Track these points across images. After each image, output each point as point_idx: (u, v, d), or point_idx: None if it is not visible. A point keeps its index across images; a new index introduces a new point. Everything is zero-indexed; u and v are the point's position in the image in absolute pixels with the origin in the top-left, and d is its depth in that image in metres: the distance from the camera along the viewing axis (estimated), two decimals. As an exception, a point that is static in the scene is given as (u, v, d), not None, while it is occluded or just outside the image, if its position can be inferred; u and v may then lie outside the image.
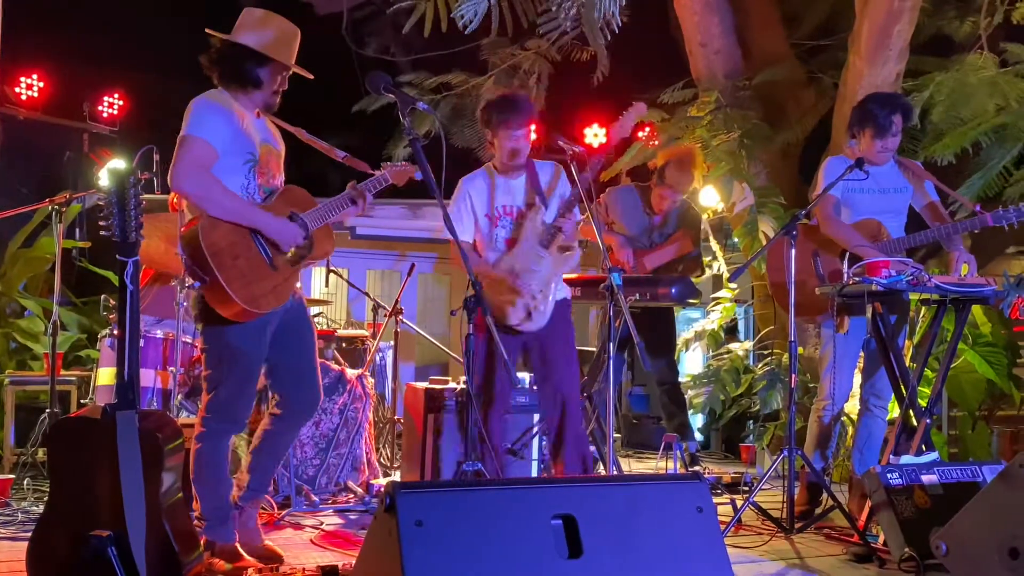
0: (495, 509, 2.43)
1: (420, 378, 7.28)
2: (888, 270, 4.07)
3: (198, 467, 3.48)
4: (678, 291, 5.35)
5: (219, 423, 3.49)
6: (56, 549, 2.83)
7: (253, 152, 3.45)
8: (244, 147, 3.42)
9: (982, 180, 5.92)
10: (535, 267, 4.25)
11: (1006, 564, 2.93)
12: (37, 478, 5.01)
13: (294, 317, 3.62)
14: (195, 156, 3.27)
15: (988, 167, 5.89)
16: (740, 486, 5.29)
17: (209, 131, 3.31)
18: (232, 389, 3.46)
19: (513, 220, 4.32)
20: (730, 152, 6.46)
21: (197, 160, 3.27)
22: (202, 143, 3.29)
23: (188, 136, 3.29)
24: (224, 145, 3.35)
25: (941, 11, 6.63)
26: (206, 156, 3.29)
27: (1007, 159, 5.88)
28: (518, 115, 4.21)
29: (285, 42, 3.52)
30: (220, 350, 3.44)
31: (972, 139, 5.74)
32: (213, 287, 3.27)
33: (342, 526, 4.37)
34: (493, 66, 7.78)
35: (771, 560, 3.79)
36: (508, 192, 4.32)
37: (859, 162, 4.36)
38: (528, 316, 4.23)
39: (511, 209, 4.33)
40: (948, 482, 3.74)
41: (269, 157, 3.54)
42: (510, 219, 4.33)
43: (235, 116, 3.42)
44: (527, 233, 4.29)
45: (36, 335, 6.70)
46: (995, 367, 5.86)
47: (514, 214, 4.32)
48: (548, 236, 4.25)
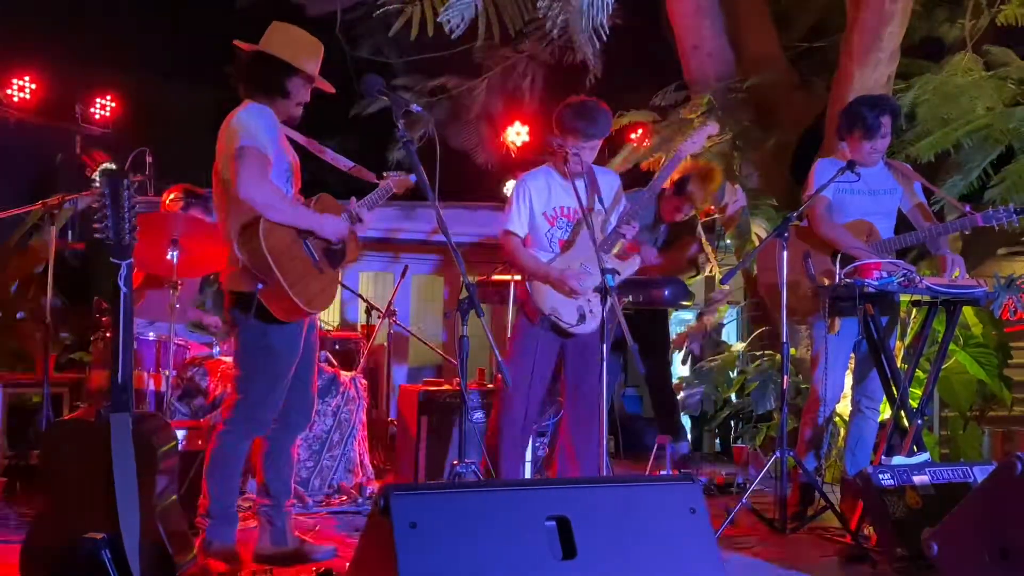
0: (489, 510, 2.44)
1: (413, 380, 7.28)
2: (880, 272, 4.09)
3: (214, 464, 3.51)
4: (671, 293, 5.37)
5: (245, 424, 3.54)
6: (50, 552, 2.83)
7: (290, 162, 3.58)
8: (284, 157, 3.55)
9: (963, 181, 5.95)
10: (593, 271, 4.24)
11: (997, 564, 2.94)
12: (30, 481, 4.99)
13: (313, 330, 3.75)
14: (257, 164, 3.36)
15: (968, 168, 5.91)
16: (732, 487, 5.31)
17: (262, 141, 3.41)
18: (263, 390, 3.52)
19: (571, 222, 4.31)
20: (722, 154, 6.48)
21: (259, 168, 3.37)
22: (258, 152, 3.38)
23: (246, 146, 3.36)
24: (272, 155, 3.46)
25: (932, 14, 6.66)
26: (264, 164, 3.39)
27: (987, 161, 5.90)
28: (599, 126, 4.21)
29: (313, 54, 3.61)
30: (258, 351, 3.50)
31: (955, 140, 5.76)
32: (274, 289, 3.36)
33: (336, 528, 4.37)
34: (487, 68, 7.79)
35: (763, 561, 3.80)
36: (568, 194, 4.25)
37: (851, 164, 4.37)
38: (582, 319, 4.24)
39: (568, 211, 4.29)
40: (939, 482, 3.75)
41: (294, 168, 3.66)
42: (567, 220, 4.31)
43: (277, 127, 3.53)
44: (585, 236, 4.25)
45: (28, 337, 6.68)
46: (986, 368, 5.88)
47: (571, 216, 4.30)
48: (610, 241, 4.24)
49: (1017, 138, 5.76)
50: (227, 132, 3.45)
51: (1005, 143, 5.82)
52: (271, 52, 3.52)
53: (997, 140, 5.81)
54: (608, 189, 4.36)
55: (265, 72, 3.53)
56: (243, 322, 3.47)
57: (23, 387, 6.00)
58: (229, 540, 3.53)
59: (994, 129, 5.75)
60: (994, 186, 5.74)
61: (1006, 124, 5.73)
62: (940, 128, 5.78)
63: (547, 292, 4.21)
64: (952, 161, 5.93)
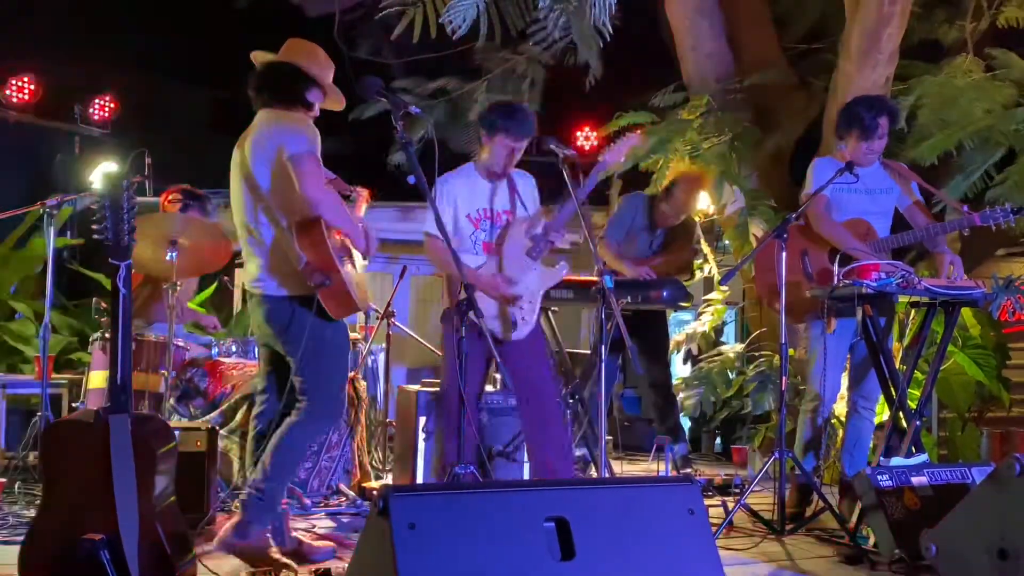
0: (488, 512, 2.44)
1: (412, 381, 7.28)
2: (878, 273, 4.10)
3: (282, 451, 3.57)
4: (669, 294, 5.37)
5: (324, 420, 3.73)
6: (49, 552, 2.83)
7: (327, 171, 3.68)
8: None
9: (965, 182, 5.96)
10: (523, 278, 4.23)
11: (995, 565, 2.95)
12: (28, 481, 4.99)
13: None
14: (319, 167, 3.50)
15: (970, 170, 5.92)
16: (731, 488, 5.31)
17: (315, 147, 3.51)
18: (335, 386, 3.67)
19: (492, 224, 4.29)
20: (721, 155, 6.48)
21: (320, 171, 3.50)
22: (317, 157, 3.50)
23: (305, 152, 3.46)
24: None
25: (931, 16, 6.66)
26: (321, 168, 3.52)
27: (990, 163, 5.91)
28: (526, 127, 4.20)
29: (329, 68, 3.71)
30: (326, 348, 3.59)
31: (956, 142, 5.77)
32: (336, 287, 3.48)
33: (334, 529, 4.37)
34: (486, 70, 7.79)
35: (762, 562, 3.81)
36: (490, 195, 4.29)
37: (849, 165, 4.38)
38: (514, 326, 4.20)
39: (490, 212, 4.30)
40: (938, 484, 3.76)
41: None
42: (489, 222, 4.29)
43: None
44: (514, 242, 4.26)
45: (27, 338, 6.69)
46: (984, 369, 5.89)
47: (492, 218, 4.29)
48: (538, 248, 4.25)
49: (1018, 140, 5.77)
50: (272, 137, 3.52)
51: (1007, 145, 5.83)
52: (296, 63, 3.62)
53: (998, 142, 5.82)
54: (528, 192, 4.37)
55: (288, 82, 3.62)
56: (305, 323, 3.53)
57: (21, 387, 6.01)
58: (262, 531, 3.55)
59: (995, 131, 5.76)
60: (996, 186, 5.76)
61: (1007, 126, 5.74)
62: (941, 130, 5.78)
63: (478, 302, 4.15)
64: (954, 163, 5.94)
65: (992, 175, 5.89)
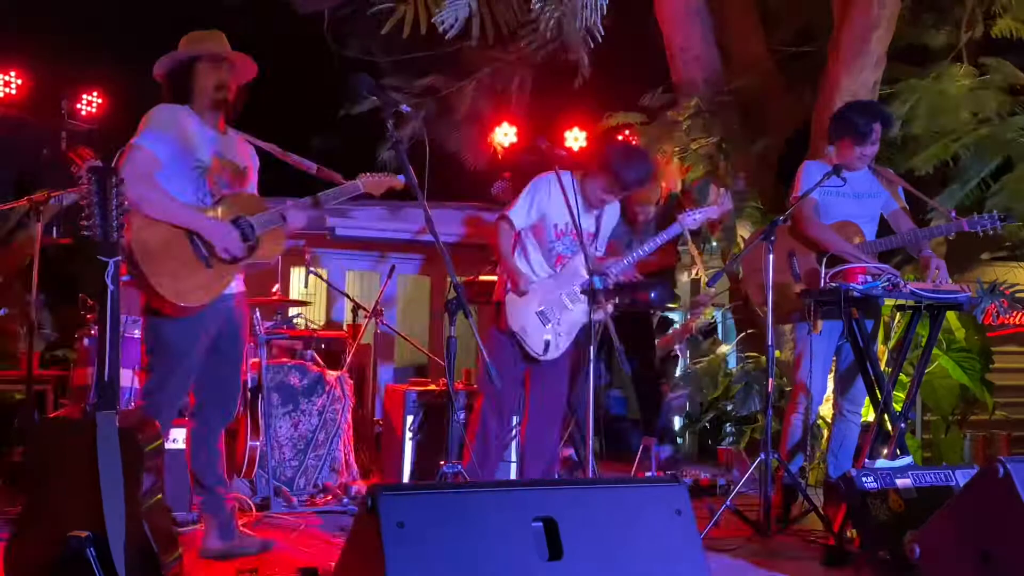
0: (476, 511, 2.45)
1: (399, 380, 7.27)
2: (865, 276, 4.12)
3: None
4: (657, 295, 5.38)
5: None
6: (34, 550, 2.81)
7: (201, 160, 3.58)
8: (191, 155, 3.56)
9: (962, 191, 6.01)
10: (570, 307, 4.29)
11: (979, 568, 2.97)
12: (13, 478, 4.96)
13: (234, 326, 3.74)
14: (137, 162, 3.45)
15: (968, 178, 5.97)
16: (716, 489, 5.33)
17: (152, 140, 3.49)
18: (156, 381, 3.58)
19: (574, 242, 4.34)
20: (709, 156, 6.51)
21: (138, 167, 3.44)
22: (142, 152, 3.48)
23: (133, 144, 3.49)
24: (170, 153, 3.52)
25: (919, 20, 6.70)
26: (146, 163, 3.46)
27: (986, 171, 5.96)
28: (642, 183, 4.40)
29: (207, 39, 3.67)
30: (153, 344, 3.58)
31: (953, 151, 5.81)
32: (140, 281, 3.43)
33: (320, 527, 4.37)
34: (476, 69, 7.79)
35: (748, 562, 3.83)
36: (583, 219, 4.29)
37: (837, 169, 4.40)
38: (546, 349, 4.30)
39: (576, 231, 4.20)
40: (922, 486, 3.77)
41: (224, 170, 3.66)
42: (571, 239, 4.36)
43: (181, 126, 3.56)
44: (573, 270, 4.34)
45: (12, 335, 6.64)
46: (968, 372, 5.93)
47: (574, 235, 4.30)
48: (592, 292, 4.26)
49: (1015, 149, 5.81)
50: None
51: (1003, 154, 5.87)
52: (161, 60, 3.64)
53: (995, 151, 5.87)
54: (607, 224, 4.50)
55: (168, 76, 3.65)
56: (144, 314, 3.58)
57: (6, 384, 5.97)
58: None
59: (992, 140, 5.80)
60: (993, 196, 5.80)
61: (1004, 135, 5.79)
62: (937, 140, 5.83)
63: (521, 311, 4.24)
64: (951, 172, 5.99)
65: (989, 183, 5.93)
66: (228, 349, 3.73)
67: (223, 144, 3.69)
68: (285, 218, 3.67)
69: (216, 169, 3.62)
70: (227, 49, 3.67)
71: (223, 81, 3.62)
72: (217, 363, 3.70)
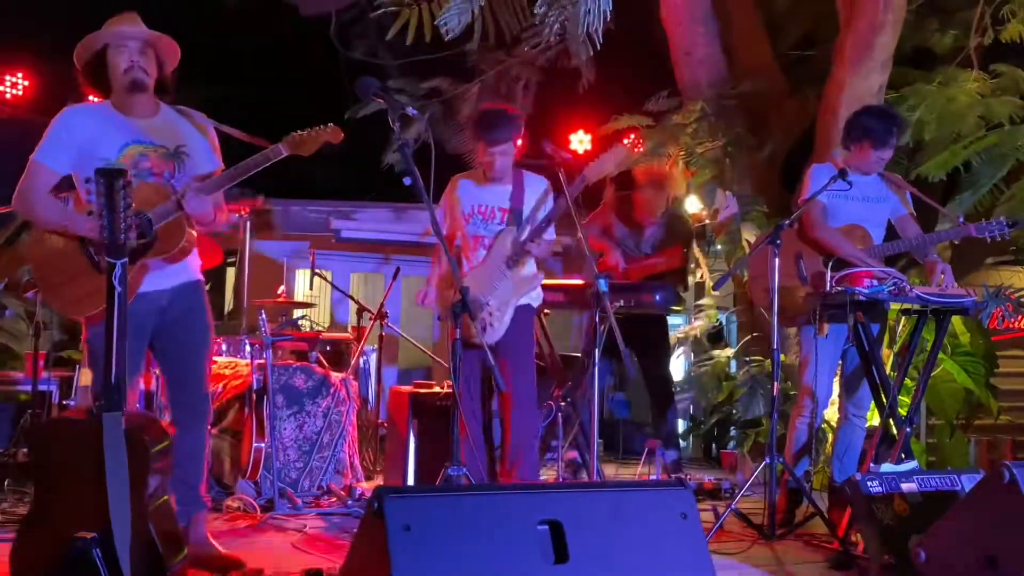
0: (483, 514, 2.45)
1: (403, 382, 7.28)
2: (870, 280, 4.12)
3: None
4: (662, 298, 5.38)
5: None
6: (40, 550, 2.82)
7: (106, 158, 3.43)
8: (94, 155, 3.41)
9: (973, 197, 6.01)
10: (496, 284, 4.29)
11: (984, 572, 2.97)
12: (18, 479, 4.98)
13: (175, 321, 3.59)
14: (27, 178, 3.47)
15: (979, 185, 5.97)
16: (721, 492, 5.33)
17: (45, 154, 3.48)
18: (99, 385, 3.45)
19: (485, 220, 4.37)
20: (714, 160, 6.51)
21: (27, 181, 3.46)
22: (35, 166, 3.47)
23: (30, 159, 3.50)
24: (71, 161, 3.47)
25: (924, 24, 6.70)
26: (37, 178, 3.46)
27: (998, 177, 5.96)
28: (497, 132, 4.28)
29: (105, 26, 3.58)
30: (88, 351, 3.57)
31: (964, 158, 5.81)
32: (41, 293, 3.52)
33: (325, 529, 4.37)
34: (480, 72, 7.80)
35: (753, 567, 3.82)
36: (488, 195, 4.37)
37: (843, 172, 4.40)
38: (483, 330, 4.23)
39: (486, 208, 4.38)
40: (927, 490, 3.76)
41: (145, 157, 3.52)
42: (482, 218, 4.38)
43: (80, 129, 3.50)
44: (496, 249, 4.33)
45: (18, 335, 6.66)
46: (973, 376, 5.92)
47: (487, 214, 4.37)
48: (515, 256, 4.29)
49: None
50: None
51: (1014, 160, 5.87)
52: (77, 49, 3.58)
53: (1006, 157, 5.86)
54: (533, 198, 4.40)
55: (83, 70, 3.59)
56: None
57: (12, 385, 5.99)
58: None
59: (1003, 146, 5.80)
60: (1004, 203, 5.79)
61: (1015, 142, 5.79)
62: (948, 146, 5.83)
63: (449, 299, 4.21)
64: (963, 179, 5.98)
65: (1002, 189, 5.93)
66: (172, 347, 3.61)
67: (146, 129, 3.54)
68: (182, 206, 3.44)
69: (129, 161, 3.47)
70: (135, 29, 3.55)
71: (132, 63, 3.51)
72: (165, 362, 3.64)
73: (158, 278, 3.51)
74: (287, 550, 3.90)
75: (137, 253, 3.40)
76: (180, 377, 3.65)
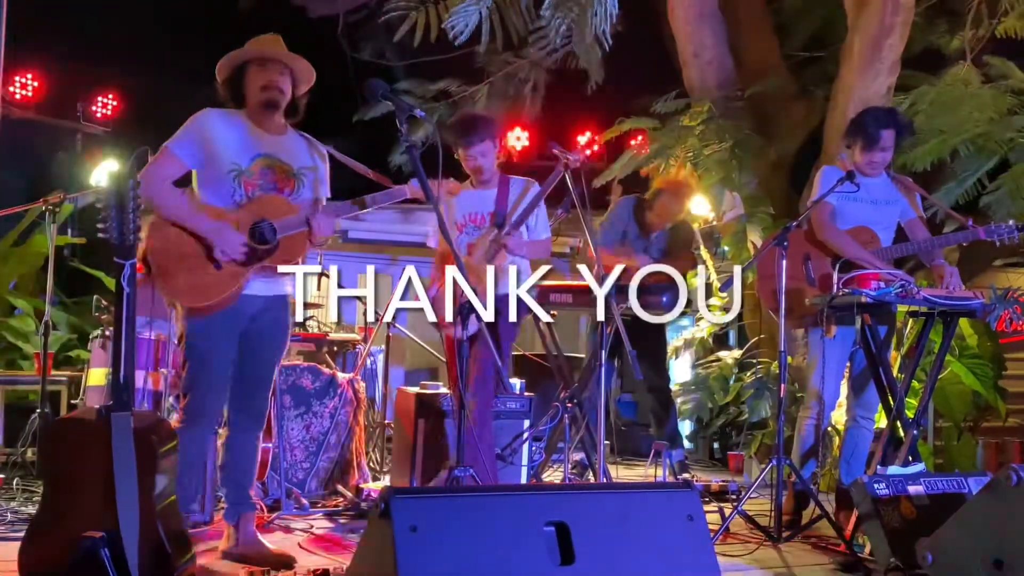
0: (489, 515, 2.46)
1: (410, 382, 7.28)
2: (878, 282, 4.12)
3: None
4: (669, 299, 5.37)
5: (184, 419, 3.64)
6: (49, 549, 2.83)
7: (237, 164, 3.60)
8: (226, 159, 3.59)
9: (958, 189, 5.98)
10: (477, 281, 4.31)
11: (991, 575, 2.96)
12: (27, 478, 5.00)
13: (263, 328, 3.71)
14: (156, 165, 3.55)
15: (964, 176, 5.95)
16: (727, 494, 5.32)
17: (179, 145, 3.58)
18: (188, 383, 3.62)
19: (477, 228, 4.44)
20: (721, 162, 6.51)
21: (156, 169, 3.54)
22: (165, 153, 3.57)
23: (163, 147, 3.59)
24: (201, 158, 3.59)
25: (932, 26, 6.69)
26: (166, 167, 3.55)
27: (983, 170, 5.93)
28: (470, 134, 4.35)
29: (251, 43, 3.72)
30: (184, 345, 3.63)
31: (951, 148, 5.79)
32: (154, 279, 3.52)
33: (331, 530, 4.38)
34: (489, 73, 7.81)
35: (759, 569, 3.82)
36: (478, 201, 4.43)
37: (850, 174, 4.40)
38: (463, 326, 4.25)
39: (476, 216, 4.44)
40: (934, 493, 3.76)
41: (270, 171, 3.67)
42: (474, 226, 4.45)
43: (216, 131, 3.61)
44: (477, 251, 4.38)
45: (26, 334, 6.69)
46: (981, 379, 5.91)
47: (478, 222, 4.44)
48: (491, 252, 4.30)
49: (1013, 148, 5.79)
50: None
51: (1001, 153, 5.85)
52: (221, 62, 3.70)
53: (993, 149, 5.85)
54: (513, 199, 4.46)
55: (225, 81, 3.71)
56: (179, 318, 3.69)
57: (20, 384, 6.01)
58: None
59: (990, 138, 5.78)
60: (989, 194, 5.78)
61: (1002, 134, 5.76)
62: (936, 138, 5.80)
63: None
64: (948, 170, 5.96)
65: (985, 183, 5.91)
66: (252, 352, 3.71)
67: (275, 146, 3.70)
68: (310, 224, 3.64)
69: (258, 171, 3.64)
70: (277, 51, 3.70)
71: (270, 82, 3.65)
72: (241, 365, 3.71)
73: (256, 285, 3.65)
74: (294, 550, 3.90)
75: (258, 257, 3.58)
76: (248, 383, 3.75)
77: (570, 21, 5.58)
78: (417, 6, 6.41)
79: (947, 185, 5.97)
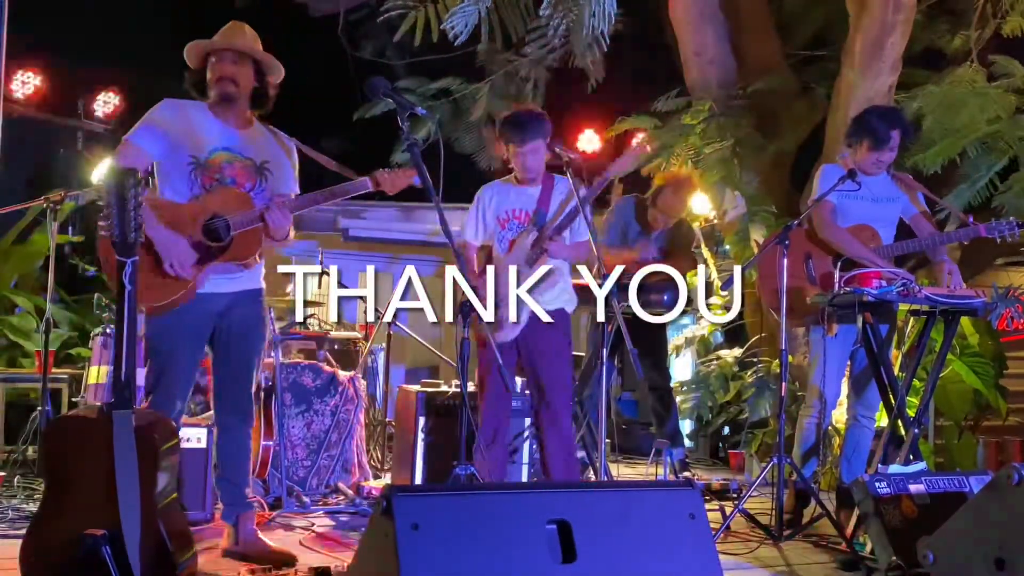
0: (491, 513, 2.45)
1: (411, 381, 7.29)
2: (879, 281, 4.11)
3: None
4: (670, 298, 5.37)
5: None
6: (50, 547, 2.83)
7: (197, 156, 3.57)
8: (186, 150, 3.56)
9: (970, 190, 5.98)
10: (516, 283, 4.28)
11: (992, 574, 2.96)
12: (28, 476, 5.00)
13: (234, 325, 3.68)
14: (118, 158, 3.53)
15: (976, 178, 5.95)
16: (728, 493, 5.32)
17: (141, 136, 3.57)
18: (151, 383, 3.59)
19: (520, 224, 4.37)
20: (722, 160, 6.50)
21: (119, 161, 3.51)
22: (131, 147, 3.56)
23: (123, 139, 3.59)
24: (163, 148, 3.56)
25: (934, 24, 6.69)
26: (129, 158, 3.51)
27: (994, 170, 5.93)
28: (525, 132, 4.26)
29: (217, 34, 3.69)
30: (146, 345, 3.60)
31: (961, 149, 5.78)
32: (108, 277, 3.46)
33: (332, 528, 4.38)
34: (489, 72, 7.81)
35: (760, 567, 3.82)
36: (521, 198, 4.38)
37: (851, 173, 4.40)
38: (500, 327, 4.24)
39: (520, 212, 4.38)
40: (935, 492, 3.76)
41: (231, 165, 3.63)
42: (518, 223, 4.38)
43: (179, 120, 3.59)
44: (516, 251, 4.34)
45: (27, 332, 6.69)
46: (982, 377, 5.90)
47: (522, 218, 4.37)
48: (533, 255, 4.28)
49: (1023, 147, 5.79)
50: None
51: (1011, 152, 5.84)
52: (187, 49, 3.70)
53: (1003, 150, 5.84)
54: (559, 200, 4.39)
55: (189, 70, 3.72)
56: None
57: (21, 382, 6.02)
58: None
59: (1000, 138, 5.77)
60: (1001, 195, 5.78)
61: (1012, 133, 5.76)
62: (945, 138, 5.79)
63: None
64: (959, 171, 5.96)
65: (996, 183, 5.90)
66: (227, 350, 3.69)
67: (238, 139, 3.66)
68: (265, 219, 3.54)
69: (217, 165, 3.58)
70: (232, 42, 3.65)
71: (226, 74, 3.61)
72: (218, 363, 3.70)
73: (218, 282, 3.60)
74: (295, 548, 3.91)
75: (212, 255, 3.51)
76: (229, 381, 3.73)
77: (568, 21, 5.57)
78: (416, 5, 6.41)
79: (959, 187, 5.97)
